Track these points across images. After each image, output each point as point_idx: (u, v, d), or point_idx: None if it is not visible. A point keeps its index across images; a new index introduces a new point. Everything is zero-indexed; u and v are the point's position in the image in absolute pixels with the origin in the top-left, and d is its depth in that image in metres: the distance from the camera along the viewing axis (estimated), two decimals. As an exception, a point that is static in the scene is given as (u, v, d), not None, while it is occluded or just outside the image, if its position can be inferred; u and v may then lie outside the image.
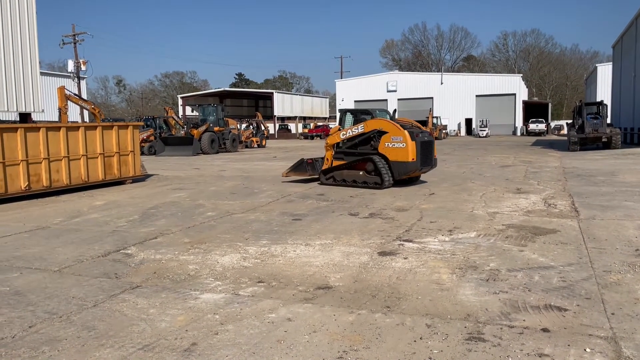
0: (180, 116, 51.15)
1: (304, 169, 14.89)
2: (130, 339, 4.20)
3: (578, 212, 9.39)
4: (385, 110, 15.11)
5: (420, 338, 4.10)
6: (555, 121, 68.27)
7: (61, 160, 13.47)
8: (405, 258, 6.50)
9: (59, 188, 13.46)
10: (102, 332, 4.35)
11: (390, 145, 13.18)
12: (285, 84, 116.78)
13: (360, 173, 13.55)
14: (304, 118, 75.52)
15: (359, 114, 14.85)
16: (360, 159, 13.67)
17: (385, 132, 13.29)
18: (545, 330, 4.21)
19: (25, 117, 16.28)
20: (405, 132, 12.97)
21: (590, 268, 5.90)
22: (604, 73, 53.57)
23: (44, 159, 12.94)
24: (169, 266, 6.38)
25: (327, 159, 14.58)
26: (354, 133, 13.86)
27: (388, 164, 13.21)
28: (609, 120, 32.49)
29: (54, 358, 3.88)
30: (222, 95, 71.90)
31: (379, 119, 13.87)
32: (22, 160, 12.37)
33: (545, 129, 56.73)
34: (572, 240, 7.24)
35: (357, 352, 3.88)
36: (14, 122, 15.47)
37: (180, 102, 70.75)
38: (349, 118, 14.82)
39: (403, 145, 13.00)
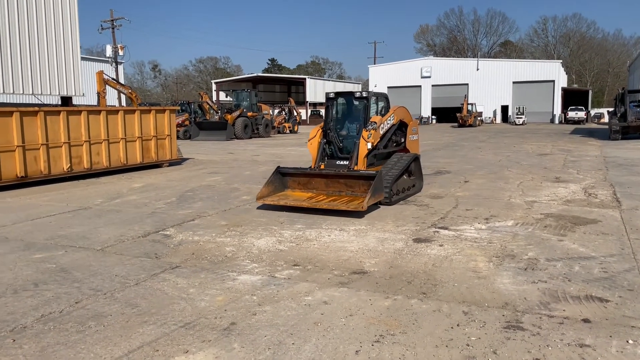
0: (214, 101, 51.64)
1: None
2: (171, 316, 4.32)
3: (620, 202, 9.14)
4: (382, 94, 11.19)
5: (457, 325, 4.09)
6: (596, 109, 66.05)
7: (101, 143, 13.83)
8: (440, 245, 6.47)
9: (99, 170, 13.84)
10: (144, 309, 4.49)
11: (412, 138, 11.40)
12: (318, 69, 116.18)
13: (405, 177, 9.97)
14: (337, 104, 75.14)
15: (357, 100, 10.48)
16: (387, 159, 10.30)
17: (406, 124, 11.21)
18: (586, 320, 4.14)
19: (66, 101, 16.72)
20: (417, 121, 11.30)
21: (633, 259, 5.75)
22: (649, 59, 51.46)
23: (85, 141, 13.31)
24: (206, 247, 6.51)
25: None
26: (386, 127, 10.37)
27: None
28: (653, 109, 31.20)
29: (100, 333, 4.03)
30: (255, 81, 72.20)
31: (402, 107, 11.18)
32: (64, 143, 12.76)
33: (585, 117, 54.94)
34: (614, 231, 7.06)
35: (394, 337, 3.90)
36: (56, 105, 15.93)
37: (214, 87, 71.29)
38: (342, 105, 10.71)
39: (416, 137, 11.60)
